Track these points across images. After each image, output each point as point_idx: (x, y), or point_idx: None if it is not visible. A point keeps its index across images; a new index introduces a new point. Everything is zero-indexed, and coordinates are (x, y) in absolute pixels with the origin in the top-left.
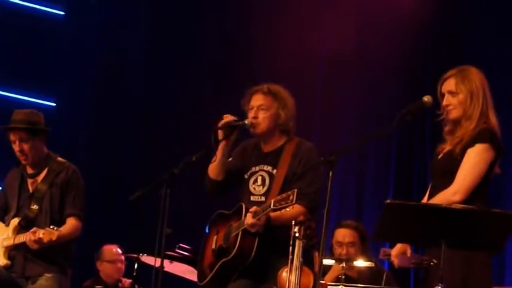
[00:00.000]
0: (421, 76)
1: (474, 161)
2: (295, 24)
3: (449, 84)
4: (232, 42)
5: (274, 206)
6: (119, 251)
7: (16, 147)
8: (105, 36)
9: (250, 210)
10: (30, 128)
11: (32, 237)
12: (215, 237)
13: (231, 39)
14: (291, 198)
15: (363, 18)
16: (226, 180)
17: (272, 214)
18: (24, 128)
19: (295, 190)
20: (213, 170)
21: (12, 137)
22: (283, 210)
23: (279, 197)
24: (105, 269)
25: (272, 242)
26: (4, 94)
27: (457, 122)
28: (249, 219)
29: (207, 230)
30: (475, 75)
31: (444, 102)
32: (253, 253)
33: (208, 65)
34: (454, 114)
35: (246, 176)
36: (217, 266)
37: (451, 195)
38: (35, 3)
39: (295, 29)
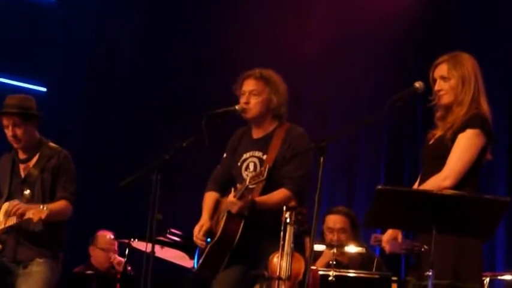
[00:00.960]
0: (412, 64)
1: (465, 146)
2: (285, 15)
3: (441, 70)
4: (223, 35)
5: (249, 182)
6: (111, 236)
7: (9, 132)
8: (97, 22)
9: (235, 188)
10: (23, 113)
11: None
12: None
13: (220, 33)
14: (262, 173)
15: (354, 11)
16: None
17: (257, 198)
18: (18, 113)
19: (267, 166)
20: None
21: (5, 122)
22: (270, 194)
23: (253, 174)
24: (97, 256)
25: (260, 226)
26: None
27: (448, 108)
28: (229, 198)
29: None
30: (467, 61)
31: (436, 87)
32: (237, 236)
33: (199, 56)
34: (446, 99)
35: (238, 164)
36: (206, 250)
37: (442, 180)
38: None
39: (286, 19)
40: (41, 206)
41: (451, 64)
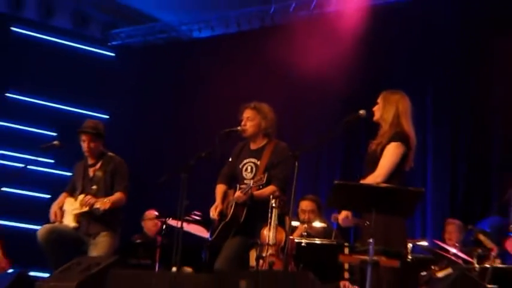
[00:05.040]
0: (358, 95)
1: (389, 154)
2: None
3: (379, 98)
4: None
5: (253, 184)
6: (156, 213)
7: (85, 145)
8: (144, 73)
9: (240, 186)
10: (96, 133)
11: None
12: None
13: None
14: (262, 178)
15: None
16: (231, 180)
17: (255, 192)
18: (93, 133)
19: (266, 174)
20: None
21: (83, 137)
22: (263, 189)
23: (256, 179)
24: (146, 225)
25: (257, 211)
26: (72, 110)
27: (379, 122)
28: (237, 194)
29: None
30: (395, 94)
31: (373, 108)
32: (242, 217)
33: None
34: (375, 116)
35: (240, 166)
36: (220, 226)
37: (375, 177)
38: (92, 47)
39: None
40: (105, 199)
41: (383, 94)
